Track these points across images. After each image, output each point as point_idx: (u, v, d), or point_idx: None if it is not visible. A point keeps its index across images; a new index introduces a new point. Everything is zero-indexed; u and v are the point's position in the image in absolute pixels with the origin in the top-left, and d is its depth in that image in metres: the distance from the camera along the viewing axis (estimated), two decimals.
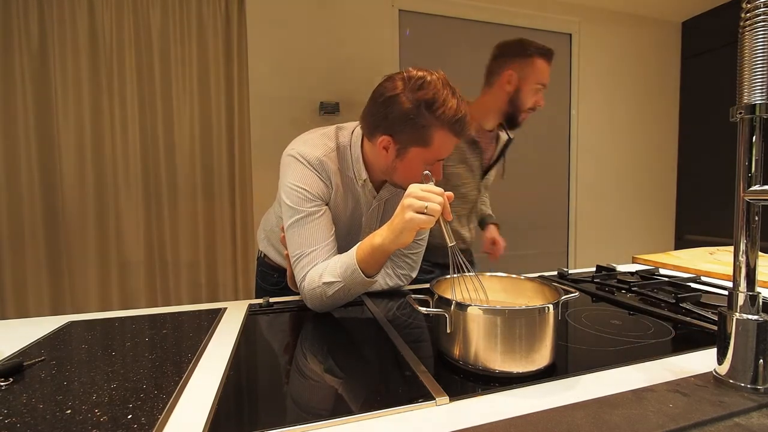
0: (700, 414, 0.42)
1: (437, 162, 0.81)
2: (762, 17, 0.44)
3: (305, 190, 0.82)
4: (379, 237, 0.73)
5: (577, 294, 0.60)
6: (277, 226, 1.01)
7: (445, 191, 0.68)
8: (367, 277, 0.75)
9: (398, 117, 0.75)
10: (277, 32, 2.18)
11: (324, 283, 0.76)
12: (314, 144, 0.86)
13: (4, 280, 1.89)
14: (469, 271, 0.66)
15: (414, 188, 0.69)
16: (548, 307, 0.53)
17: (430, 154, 0.78)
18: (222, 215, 2.15)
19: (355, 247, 0.77)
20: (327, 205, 0.86)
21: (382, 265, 0.77)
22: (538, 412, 0.44)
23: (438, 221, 0.67)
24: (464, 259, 0.66)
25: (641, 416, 0.42)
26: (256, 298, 1.10)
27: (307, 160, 0.83)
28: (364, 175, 0.87)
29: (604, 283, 1.02)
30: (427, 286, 0.65)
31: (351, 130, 0.90)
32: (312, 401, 0.49)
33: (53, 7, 1.85)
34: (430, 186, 0.69)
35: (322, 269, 0.78)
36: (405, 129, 0.76)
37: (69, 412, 0.46)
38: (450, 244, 0.65)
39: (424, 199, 0.66)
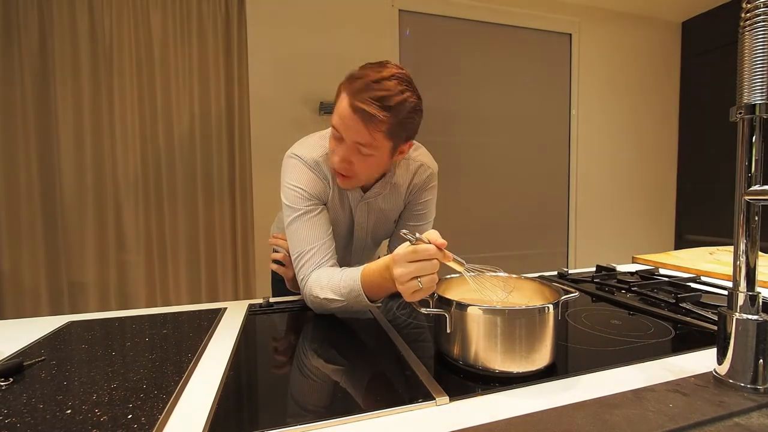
0: (700, 414, 0.42)
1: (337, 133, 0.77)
2: (762, 17, 0.44)
3: (302, 189, 0.84)
4: (388, 282, 0.65)
5: (577, 294, 0.60)
6: None
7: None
8: (371, 302, 0.74)
9: None
10: (277, 32, 2.18)
11: (326, 299, 0.76)
12: (311, 146, 0.88)
13: (3, 280, 1.89)
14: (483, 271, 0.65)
15: (401, 261, 0.58)
16: (548, 307, 0.53)
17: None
18: (222, 215, 2.14)
19: (361, 270, 0.73)
20: (325, 204, 0.88)
21: (387, 294, 0.74)
22: (538, 412, 0.44)
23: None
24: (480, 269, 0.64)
25: (641, 416, 0.42)
26: (272, 292, 1.14)
27: (305, 160, 0.85)
28: None
29: (604, 283, 1.02)
30: None
31: None
32: (312, 401, 0.49)
33: (53, 7, 1.85)
34: (420, 249, 0.57)
35: (324, 281, 0.77)
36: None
37: (69, 412, 0.46)
38: (465, 271, 0.61)
39: (415, 274, 0.57)
